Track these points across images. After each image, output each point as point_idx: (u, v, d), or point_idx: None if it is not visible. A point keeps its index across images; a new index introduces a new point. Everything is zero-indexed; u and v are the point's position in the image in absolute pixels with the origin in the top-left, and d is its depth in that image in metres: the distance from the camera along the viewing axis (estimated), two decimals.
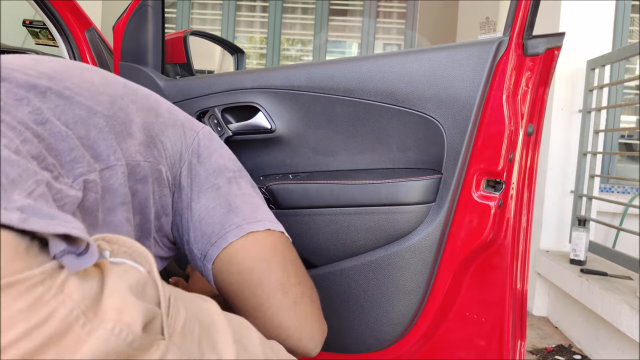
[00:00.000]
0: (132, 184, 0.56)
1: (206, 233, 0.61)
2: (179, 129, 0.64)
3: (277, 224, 0.66)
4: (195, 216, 0.62)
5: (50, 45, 1.46)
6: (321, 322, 0.66)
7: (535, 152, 0.90)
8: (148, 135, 0.59)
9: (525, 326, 0.93)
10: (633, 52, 1.89)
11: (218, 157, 0.67)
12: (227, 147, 0.72)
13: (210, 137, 0.69)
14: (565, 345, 1.99)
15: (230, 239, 0.60)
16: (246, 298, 0.61)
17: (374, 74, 0.89)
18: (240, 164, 0.72)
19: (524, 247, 0.90)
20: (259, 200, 0.68)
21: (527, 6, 0.81)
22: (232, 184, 0.66)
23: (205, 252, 0.61)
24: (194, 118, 0.72)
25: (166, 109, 0.65)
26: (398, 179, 0.89)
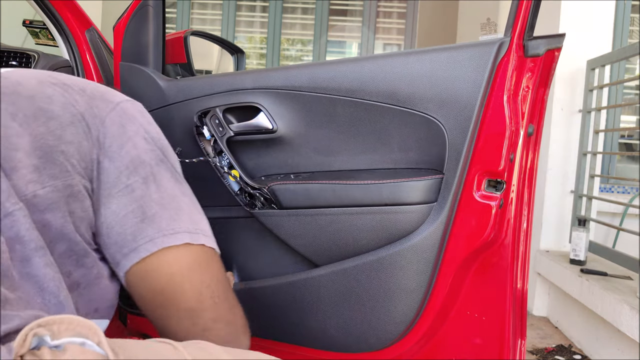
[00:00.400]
0: (38, 217, 0.49)
1: (117, 242, 0.55)
2: (80, 124, 0.54)
3: (197, 234, 0.58)
4: (104, 223, 0.55)
5: (50, 45, 1.46)
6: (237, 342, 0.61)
7: (535, 152, 0.90)
8: (42, 154, 0.50)
9: (525, 325, 0.93)
10: (633, 52, 1.89)
11: (131, 147, 0.57)
12: (148, 121, 0.63)
13: (121, 120, 0.58)
14: (565, 345, 1.99)
15: (142, 254, 0.54)
16: (156, 317, 0.58)
17: (375, 74, 0.89)
18: (164, 145, 0.63)
19: (524, 247, 0.90)
20: (182, 200, 0.60)
21: (527, 7, 0.82)
22: (149, 184, 0.57)
23: (118, 262, 0.56)
24: (107, 92, 0.62)
25: (60, 104, 0.54)
26: (400, 179, 0.89)
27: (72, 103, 0.55)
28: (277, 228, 0.98)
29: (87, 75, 1.27)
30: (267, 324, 1.02)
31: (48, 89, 0.55)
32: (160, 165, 0.60)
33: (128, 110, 0.60)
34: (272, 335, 1.02)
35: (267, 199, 0.99)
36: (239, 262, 1.08)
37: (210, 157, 1.02)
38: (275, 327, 1.01)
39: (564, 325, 2.17)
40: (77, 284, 0.54)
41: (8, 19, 2.22)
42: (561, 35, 0.84)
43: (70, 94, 0.56)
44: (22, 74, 0.56)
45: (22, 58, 1.25)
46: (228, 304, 0.61)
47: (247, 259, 1.07)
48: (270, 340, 1.03)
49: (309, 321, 0.98)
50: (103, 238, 0.56)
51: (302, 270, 0.99)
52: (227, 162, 1.02)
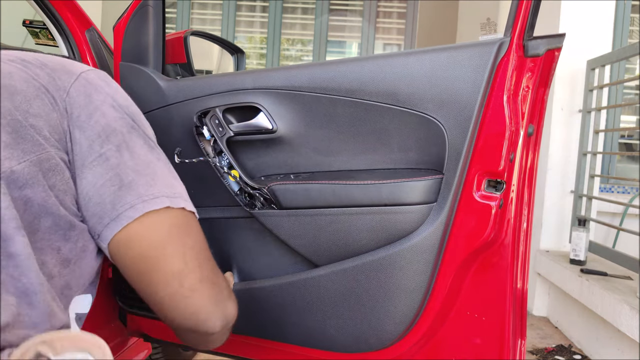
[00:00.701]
0: (18, 194, 0.49)
1: (96, 213, 0.55)
2: (46, 96, 0.54)
3: (175, 198, 0.59)
4: (82, 194, 0.55)
5: (50, 45, 1.46)
6: (224, 303, 0.61)
7: (535, 152, 0.90)
8: (11, 130, 0.50)
9: (525, 325, 0.93)
10: (633, 52, 1.89)
11: (100, 117, 0.57)
12: (115, 89, 0.62)
13: (86, 90, 0.58)
14: (565, 345, 1.99)
15: (124, 222, 0.54)
16: (143, 284, 0.58)
17: (375, 74, 0.89)
18: (134, 111, 0.63)
19: (524, 247, 0.90)
20: (157, 165, 0.60)
21: (527, 7, 0.82)
22: (123, 151, 0.57)
23: (99, 233, 0.56)
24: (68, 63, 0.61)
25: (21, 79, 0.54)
26: (399, 179, 0.89)
27: (34, 77, 0.55)
28: (276, 228, 0.98)
29: None
30: (266, 324, 1.02)
31: (6, 66, 0.54)
32: (132, 132, 0.60)
33: (92, 80, 0.60)
34: (272, 335, 1.02)
35: (267, 199, 0.99)
36: (238, 262, 1.08)
37: (210, 157, 1.02)
38: (275, 327, 1.01)
39: (564, 325, 2.17)
40: (67, 260, 0.54)
41: (8, 19, 2.21)
42: (561, 35, 0.84)
43: (30, 68, 0.56)
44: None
45: None
46: (211, 265, 0.62)
47: (246, 259, 1.07)
48: (270, 340, 1.03)
49: (308, 321, 0.98)
50: (82, 211, 0.56)
51: (301, 271, 0.99)
52: (227, 162, 1.02)
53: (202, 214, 1.12)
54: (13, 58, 0.57)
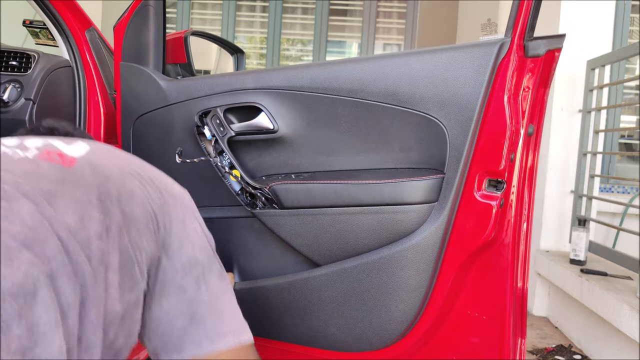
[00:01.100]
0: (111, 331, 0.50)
1: (162, 339, 0.56)
2: (152, 226, 0.55)
3: (240, 333, 0.60)
4: (153, 318, 0.56)
5: (50, 45, 1.46)
6: None
7: (535, 152, 0.90)
8: (123, 267, 0.51)
9: (525, 325, 0.93)
10: (633, 52, 1.89)
11: (189, 247, 0.59)
12: (198, 221, 0.64)
13: (184, 216, 0.60)
14: (565, 345, 1.99)
15: (186, 357, 0.56)
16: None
17: (376, 74, 0.90)
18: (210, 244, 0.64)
19: (524, 247, 0.90)
20: (226, 297, 0.61)
21: (528, 8, 0.82)
22: (200, 284, 0.58)
23: (158, 354, 0.57)
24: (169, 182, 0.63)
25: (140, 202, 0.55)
26: (401, 179, 0.89)
27: (149, 200, 0.57)
28: (278, 228, 0.98)
29: (87, 75, 1.26)
30: (268, 323, 1.02)
31: (129, 182, 0.56)
32: (212, 261, 0.62)
33: (187, 203, 0.63)
34: (274, 335, 1.02)
35: (268, 198, 0.99)
36: (240, 262, 1.08)
37: (211, 157, 1.02)
38: (276, 326, 1.01)
39: (564, 325, 2.17)
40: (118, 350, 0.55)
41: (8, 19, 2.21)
42: (561, 35, 0.84)
43: (146, 188, 0.58)
44: (105, 162, 0.56)
45: (22, 58, 1.24)
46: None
47: (248, 258, 1.07)
48: (272, 339, 1.03)
49: (310, 320, 0.98)
50: (147, 330, 0.57)
51: (303, 270, 0.99)
52: (228, 162, 1.02)
53: (203, 213, 1.12)
54: (133, 172, 0.58)
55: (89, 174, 0.53)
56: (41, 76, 1.19)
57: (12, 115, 1.16)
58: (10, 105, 1.16)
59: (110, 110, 1.26)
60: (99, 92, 1.25)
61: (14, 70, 1.22)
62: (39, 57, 1.24)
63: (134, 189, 0.56)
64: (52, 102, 1.21)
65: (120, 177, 0.56)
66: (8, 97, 1.17)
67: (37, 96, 1.18)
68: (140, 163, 0.62)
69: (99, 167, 0.55)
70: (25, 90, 1.18)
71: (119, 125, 1.13)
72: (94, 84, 1.25)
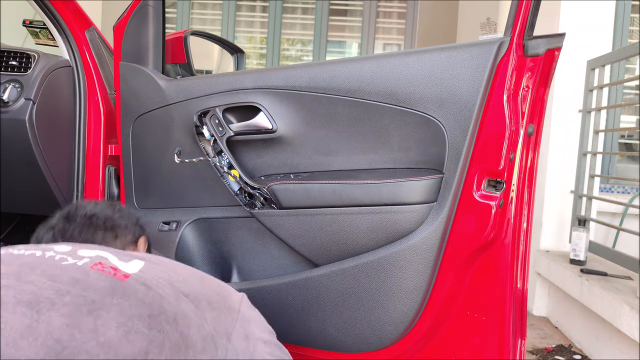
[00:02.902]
0: None
1: None
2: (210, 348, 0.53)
3: None
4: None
5: (50, 45, 1.46)
6: None
7: (535, 152, 0.90)
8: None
9: (525, 325, 0.93)
10: (633, 52, 1.89)
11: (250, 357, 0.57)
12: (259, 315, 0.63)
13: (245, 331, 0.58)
14: (565, 345, 1.99)
15: None
16: None
17: (375, 74, 0.89)
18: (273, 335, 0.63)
19: (524, 247, 0.90)
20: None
21: (527, 7, 0.82)
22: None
23: None
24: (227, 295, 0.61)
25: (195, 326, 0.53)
26: (399, 179, 0.89)
27: (203, 323, 0.54)
28: (276, 228, 0.98)
29: (87, 75, 1.26)
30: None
31: (183, 304, 0.54)
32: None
33: (248, 314, 0.60)
34: None
35: (267, 198, 0.99)
36: (238, 262, 1.08)
37: (210, 156, 1.02)
38: (274, 326, 1.01)
39: (564, 325, 2.16)
40: None
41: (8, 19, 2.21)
42: (561, 34, 0.84)
43: (201, 310, 0.55)
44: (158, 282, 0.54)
45: (22, 58, 1.24)
46: None
47: (246, 258, 1.07)
48: None
49: (308, 321, 0.98)
50: None
51: (301, 270, 0.99)
52: (227, 162, 1.02)
53: (202, 213, 1.13)
54: (187, 291, 0.56)
55: (142, 291, 0.52)
56: (41, 76, 1.19)
57: (12, 115, 1.16)
58: (10, 105, 1.17)
59: (110, 110, 1.26)
60: (99, 92, 1.25)
61: (14, 70, 1.22)
62: (39, 57, 1.24)
63: (189, 312, 0.53)
64: (52, 102, 1.21)
65: (175, 298, 0.54)
66: (8, 97, 1.17)
67: (37, 96, 1.18)
68: (196, 279, 0.60)
69: (153, 286, 0.53)
70: (25, 90, 1.18)
71: (119, 125, 1.13)
72: (94, 84, 1.25)
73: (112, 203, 0.84)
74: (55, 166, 1.21)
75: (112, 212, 0.80)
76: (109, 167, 1.22)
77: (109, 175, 1.22)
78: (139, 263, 0.57)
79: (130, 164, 1.13)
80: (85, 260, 0.54)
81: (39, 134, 1.17)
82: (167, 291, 0.54)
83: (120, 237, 0.79)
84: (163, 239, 1.07)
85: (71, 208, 0.78)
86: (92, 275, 0.51)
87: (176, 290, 0.55)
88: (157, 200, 1.11)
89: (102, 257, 0.56)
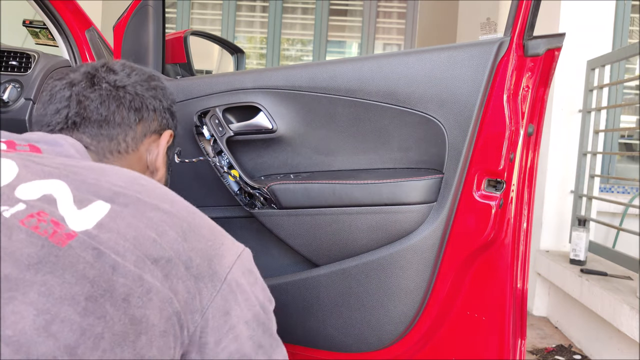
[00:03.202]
0: None
1: None
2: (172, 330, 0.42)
3: None
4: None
5: (50, 45, 1.46)
6: None
7: (535, 152, 0.90)
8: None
9: (525, 325, 0.93)
10: (633, 52, 1.89)
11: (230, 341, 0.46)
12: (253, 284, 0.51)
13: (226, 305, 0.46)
14: (565, 345, 1.99)
15: None
16: None
17: (375, 74, 0.89)
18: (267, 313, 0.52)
19: (524, 247, 0.90)
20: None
21: (527, 7, 0.82)
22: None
23: None
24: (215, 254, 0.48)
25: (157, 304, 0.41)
26: (399, 179, 0.89)
27: (172, 299, 0.42)
28: (276, 228, 0.98)
29: None
30: None
31: (148, 274, 0.41)
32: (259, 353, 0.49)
33: (236, 284, 0.48)
34: None
35: (267, 198, 0.99)
36: None
37: (210, 156, 1.02)
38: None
39: (564, 325, 2.16)
40: None
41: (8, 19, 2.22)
42: (561, 34, 0.84)
43: (171, 280, 0.43)
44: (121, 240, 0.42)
45: (22, 58, 1.24)
46: None
47: None
48: None
49: (308, 321, 0.98)
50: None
51: (301, 270, 0.99)
52: (227, 162, 1.02)
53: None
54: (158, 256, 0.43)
55: (86, 259, 0.39)
56: (41, 76, 1.19)
57: (12, 115, 1.16)
58: (10, 105, 1.17)
59: None
60: None
61: (14, 70, 1.22)
62: (39, 57, 1.24)
63: (153, 285, 0.41)
64: None
65: (135, 266, 0.41)
66: (8, 97, 1.17)
67: (37, 96, 1.18)
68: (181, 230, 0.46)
69: (107, 250, 0.41)
70: (25, 90, 1.18)
71: None
72: None
73: (150, 75, 0.68)
74: None
75: (145, 89, 0.65)
76: None
77: None
78: (102, 209, 0.43)
79: None
80: (18, 207, 0.40)
81: None
82: (127, 257, 0.41)
83: (143, 122, 0.65)
84: None
85: (99, 67, 0.63)
86: (17, 236, 0.38)
87: (141, 255, 0.42)
88: None
89: (50, 198, 0.42)
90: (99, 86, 0.62)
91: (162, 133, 0.69)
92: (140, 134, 0.65)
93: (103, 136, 0.61)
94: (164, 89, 0.70)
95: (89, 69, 0.64)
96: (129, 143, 0.64)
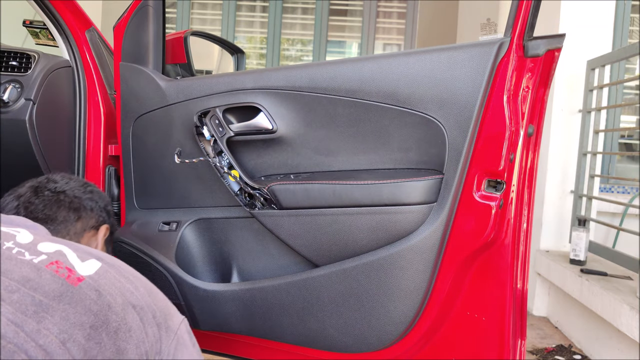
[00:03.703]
0: None
1: None
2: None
3: None
4: None
5: (50, 45, 1.46)
6: None
7: (535, 152, 0.90)
8: None
9: (525, 325, 0.93)
10: (633, 52, 1.89)
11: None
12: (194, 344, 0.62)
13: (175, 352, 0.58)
14: (565, 345, 1.99)
15: None
16: None
17: (375, 74, 0.89)
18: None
19: (524, 247, 0.90)
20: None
21: (527, 7, 0.82)
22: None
23: None
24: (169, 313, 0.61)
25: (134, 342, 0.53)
26: (399, 179, 0.89)
27: (144, 338, 0.54)
28: (276, 228, 0.98)
29: (87, 75, 1.26)
30: (267, 323, 1.02)
31: (130, 316, 0.54)
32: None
33: (183, 337, 0.60)
34: (272, 335, 1.02)
35: (267, 199, 0.99)
36: (238, 263, 1.08)
37: (210, 157, 1.02)
38: (275, 327, 1.01)
39: (564, 325, 2.17)
40: None
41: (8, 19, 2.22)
42: (561, 35, 0.84)
43: (144, 323, 0.55)
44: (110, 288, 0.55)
45: (22, 58, 1.24)
46: None
47: (246, 259, 1.07)
48: (270, 340, 1.03)
49: (308, 321, 0.98)
50: None
51: (302, 271, 0.99)
52: (227, 162, 1.02)
53: (202, 214, 1.13)
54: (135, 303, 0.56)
55: (91, 298, 0.52)
56: (41, 76, 1.19)
57: (12, 115, 1.16)
58: (10, 105, 1.16)
59: (110, 110, 1.26)
60: (99, 92, 1.25)
61: (14, 70, 1.22)
62: (39, 57, 1.24)
63: (133, 325, 0.54)
64: (52, 102, 1.21)
65: (122, 309, 0.54)
66: (8, 97, 1.17)
67: (37, 96, 1.18)
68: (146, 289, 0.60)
69: (104, 293, 0.54)
70: (25, 91, 1.18)
71: (119, 125, 1.14)
72: (94, 84, 1.25)
73: (86, 182, 0.82)
74: (56, 166, 1.21)
75: (82, 192, 0.79)
76: (109, 168, 1.22)
77: (109, 176, 1.22)
78: (96, 264, 0.57)
79: (130, 164, 1.13)
80: (42, 257, 0.54)
81: (39, 135, 1.17)
82: (117, 300, 0.54)
83: (82, 220, 0.78)
84: (163, 240, 1.07)
85: (42, 180, 0.77)
86: (45, 276, 0.52)
87: (125, 300, 0.55)
88: (157, 200, 1.11)
89: (61, 253, 0.56)
90: (42, 194, 0.76)
91: (100, 227, 0.82)
92: (80, 229, 0.78)
93: (51, 230, 0.72)
94: (99, 192, 0.85)
95: (33, 183, 0.77)
96: (72, 237, 0.77)
